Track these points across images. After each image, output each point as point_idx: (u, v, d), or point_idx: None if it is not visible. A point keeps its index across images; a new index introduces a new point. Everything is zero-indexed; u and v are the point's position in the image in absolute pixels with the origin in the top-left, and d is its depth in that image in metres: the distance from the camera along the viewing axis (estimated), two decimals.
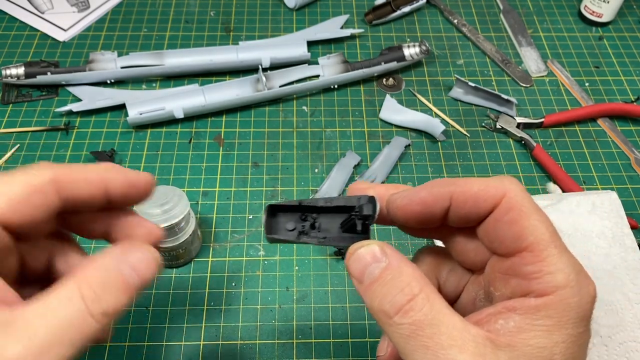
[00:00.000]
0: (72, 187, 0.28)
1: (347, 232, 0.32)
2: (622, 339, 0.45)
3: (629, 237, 0.50)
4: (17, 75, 0.63)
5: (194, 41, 0.71)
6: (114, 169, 0.30)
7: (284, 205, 0.32)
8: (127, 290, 0.27)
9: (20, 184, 0.26)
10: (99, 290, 0.26)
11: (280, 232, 0.32)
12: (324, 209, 0.32)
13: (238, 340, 0.47)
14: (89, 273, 0.26)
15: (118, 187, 0.30)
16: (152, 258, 0.29)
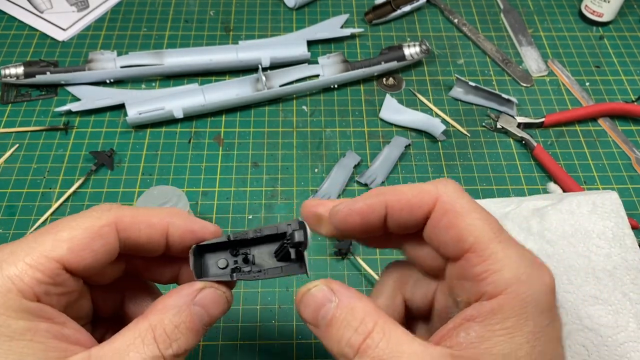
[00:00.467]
0: (133, 230, 0.29)
1: (281, 260, 0.32)
2: (623, 339, 0.44)
3: (629, 237, 0.49)
4: (16, 74, 0.63)
5: (194, 41, 0.71)
6: (177, 215, 0.30)
7: (211, 245, 0.31)
8: (197, 331, 0.28)
9: (82, 229, 0.27)
10: (171, 332, 0.26)
11: (212, 272, 0.31)
12: (255, 240, 0.31)
13: (238, 340, 0.47)
14: (161, 314, 0.27)
15: (179, 234, 0.30)
16: (221, 296, 0.29)
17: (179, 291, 0.28)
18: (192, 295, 0.28)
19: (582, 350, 0.44)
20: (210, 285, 0.29)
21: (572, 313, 0.46)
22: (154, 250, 0.30)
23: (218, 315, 0.29)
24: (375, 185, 0.56)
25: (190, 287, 0.28)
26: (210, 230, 0.30)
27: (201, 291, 0.28)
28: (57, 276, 0.26)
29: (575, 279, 0.48)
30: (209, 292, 0.29)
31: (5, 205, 0.55)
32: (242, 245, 0.32)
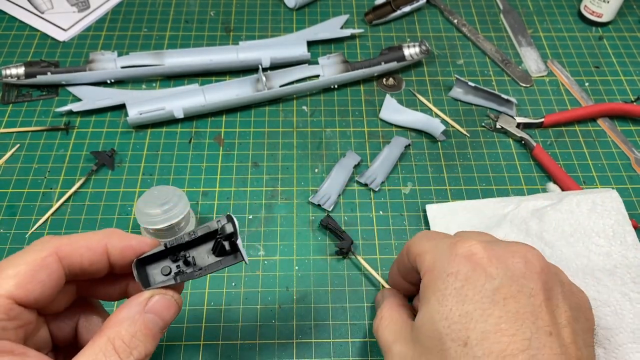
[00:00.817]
0: (74, 256, 0.31)
1: (219, 255, 0.34)
2: (621, 341, 0.44)
3: (630, 234, 0.49)
4: (17, 75, 0.63)
5: (194, 41, 0.71)
6: (114, 234, 0.32)
7: (151, 255, 0.33)
8: (154, 336, 0.30)
9: (24, 263, 0.29)
10: (129, 341, 0.29)
11: (157, 280, 0.33)
12: (190, 243, 0.33)
13: (238, 340, 0.47)
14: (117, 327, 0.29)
15: (119, 252, 0.32)
16: (170, 300, 0.32)
17: (129, 303, 0.31)
18: (142, 305, 0.30)
19: None
20: (157, 292, 0.31)
21: None
22: (99, 272, 0.32)
23: (171, 319, 0.32)
24: (376, 185, 0.56)
25: (139, 297, 0.31)
26: (147, 242, 0.33)
27: (150, 299, 0.31)
28: (10, 311, 0.27)
29: (574, 279, 0.47)
30: (158, 299, 0.31)
31: (6, 205, 0.55)
32: (179, 250, 0.34)
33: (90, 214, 0.55)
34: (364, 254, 0.52)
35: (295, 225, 0.54)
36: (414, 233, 0.54)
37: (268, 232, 0.54)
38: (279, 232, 0.54)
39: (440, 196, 0.57)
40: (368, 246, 0.53)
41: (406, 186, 0.57)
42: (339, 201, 0.56)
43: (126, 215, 0.55)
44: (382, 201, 0.56)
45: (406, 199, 0.56)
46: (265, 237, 0.53)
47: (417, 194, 0.57)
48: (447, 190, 0.57)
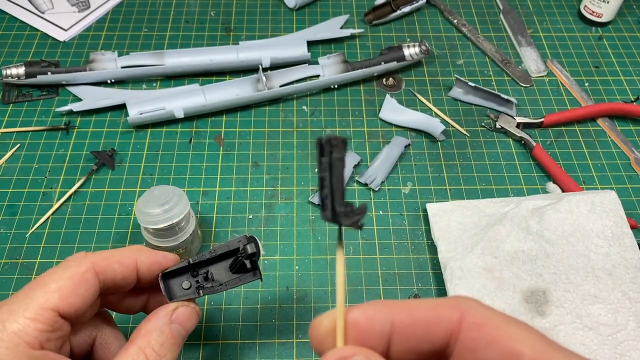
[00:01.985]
0: (109, 271, 0.33)
1: (237, 272, 0.37)
2: (622, 338, 0.45)
3: (628, 236, 0.50)
4: (17, 75, 0.63)
5: (194, 41, 0.71)
6: (142, 251, 0.35)
7: (174, 270, 0.36)
8: (178, 344, 0.33)
9: (66, 278, 0.31)
10: (159, 350, 0.32)
11: (180, 293, 0.36)
12: (211, 260, 0.37)
13: (238, 339, 0.47)
14: (147, 337, 0.32)
15: (146, 266, 0.35)
16: (192, 311, 0.35)
17: (156, 314, 0.34)
18: (169, 316, 0.34)
19: (582, 349, 0.44)
20: (181, 304, 0.35)
21: (571, 312, 0.46)
22: (128, 285, 0.35)
23: (192, 328, 0.35)
24: (375, 185, 0.57)
25: (165, 309, 0.34)
26: (171, 258, 0.36)
27: (175, 311, 0.34)
28: (54, 323, 0.30)
29: (575, 278, 0.48)
30: (182, 310, 0.34)
31: (6, 204, 0.55)
32: (200, 267, 0.37)
33: (91, 214, 0.55)
34: (364, 254, 0.52)
35: (295, 225, 0.54)
36: (413, 232, 0.54)
37: (268, 231, 0.54)
38: (279, 231, 0.54)
39: (440, 196, 0.57)
40: (368, 246, 0.53)
41: (406, 186, 0.58)
42: None
43: (126, 215, 0.55)
44: (382, 201, 0.56)
45: (406, 198, 0.57)
46: (266, 237, 0.53)
47: (417, 193, 0.57)
48: (447, 190, 0.57)
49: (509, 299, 0.47)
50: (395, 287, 0.51)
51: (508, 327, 0.22)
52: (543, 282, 0.48)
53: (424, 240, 0.54)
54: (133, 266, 0.34)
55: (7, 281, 0.50)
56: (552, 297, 0.47)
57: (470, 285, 0.48)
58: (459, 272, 0.49)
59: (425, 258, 0.52)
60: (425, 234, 0.54)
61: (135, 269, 0.34)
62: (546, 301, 0.46)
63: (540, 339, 0.22)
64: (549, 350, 0.21)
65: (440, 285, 0.51)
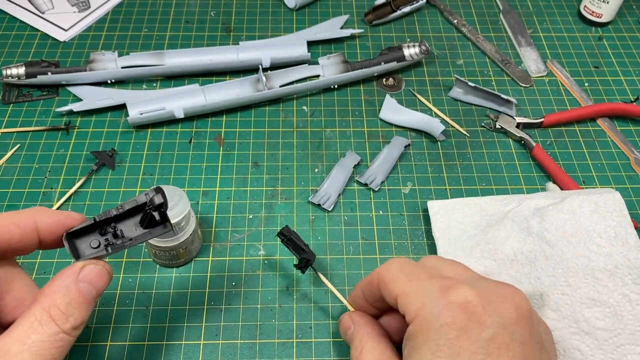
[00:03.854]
0: (3, 232, 0.31)
1: (148, 227, 0.36)
2: (620, 342, 0.44)
3: (632, 235, 0.49)
4: (17, 75, 0.63)
5: (195, 41, 0.71)
6: (42, 211, 0.33)
7: (80, 229, 0.34)
8: (88, 303, 0.31)
9: None
10: (65, 309, 0.30)
11: (88, 252, 0.34)
12: (118, 216, 0.35)
13: (238, 339, 0.47)
14: (52, 297, 0.30)
15: (48, 228, 0.33)
16: (102, 270, 0.33)
17: (62, 274, 0.32)
18: (75, 274, 0.32)
19: (577, 354, 0.44)
20: (89, 262, 0.33)
21: (568, 316, 0.45)
22: (27, 247, 0.33)
23: (103, 287, 0.33)
24: (375, 185, 0.57)
25: (71, 268, 0.32)
26: (75, 217, 0.34)
27: (82, 269, 0.32)
28: None
29: (574, 280, 0.47)
30: (90, 269, 0.32)
31: (6, 205, 0.55)
32: (108, 224, 0.35)
33: (91, 214, 0.55)
34: (363, 254, 0.53)
35: (295, 225, 0.54)
36: (413, 232, 0.54)
37: (268, 231, 0.54)
38: None
39: (439, 196, 0.57)
40: (368, 246, 0.53)
41: (406, 186, 0.58)
42: (339, 201, 0.56)
43: None
44: (382, 201, 0.56)
45: (406, 198, 0.57)
46: (266, 237, 0.53)
47: (417, 193, 0.57)
48: (447, 190, 0.57)
49: None
50: None
51: (393, 278, 0.35)
52: (541, 285, 0.47)
53: (424, 240, 0.54)
54: (32, 227, 0.32)
55: None
56: (549, 300, 0.46)
57: None
58: None
59: None
60: (425, 233, 0.54)
61: (35, 230, 0.32)
62: (543, 305, 0.46)
63: (404, 276, 0.35)
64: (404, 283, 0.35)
65: None
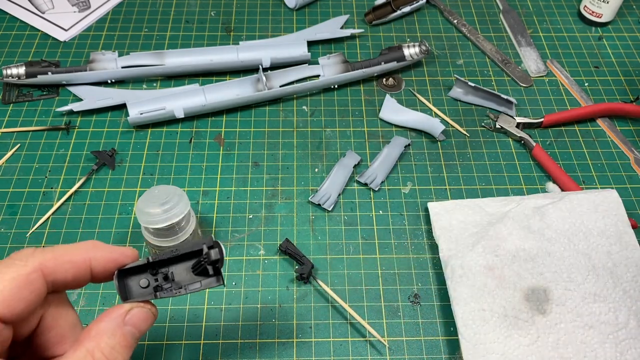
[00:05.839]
0: (58, 272, 0.30)
1: (199, 275, 0.34)
2: (622, 337, 0.45)
3: (629, 234, 0.50)
4: (17, 75, 0.63)
5: (195, 41, 0.71)
6: (97, 248, 0.32)
7: (133, 268, 0.33)
8: (130, 347, 0.31)
9: (7, 281, 0.28)
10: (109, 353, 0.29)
11: (136, 293, 0.34)
12: (172, 259, 0.34)
13: (238, 339, 0.47)
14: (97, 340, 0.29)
15: (102, 266, 0.32)
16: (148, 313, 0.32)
17: (108, 315, 0.31)
18: (122, 317, 0.31)
19: (583, 347, 0.44)
20: (136, 305, 0.32)
21: (572, 310, 0.46)
22: (79, 285, 0.32)
23: (146, 330, 0.32)
24: (375, 185, 0.57)
25: (119, 309, 0.31)
26: (128, 254, 0.33)
27: (129, 312, 0.31)
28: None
29: (576, 276, 0.48)
30: (137, 312, 0.32)
31: (6, 204, 0.55)
32: (161, 266, 0.34)
33: (91, 214, 0.55)
34: (364, 254, 0.53)
35: (295, 224, 0.54)
36: (413, 232, 0.54)
37: (268, 231, 0.54)
38: (279, 231, 0.54)
39: (439, 196, 0.57)
40: (368, 246, 0.53)
41: (406, 186, 0.58)
42: (339, 200, 0.56)
43: (126, 214, 0.55)
44: (382, 201, 0.56)
45: (406, 198, 0.57)
46: (266, 237, 0.54)
47: (417, 193, 0.57)
48: (447, 189, 0.57)
49: (509, 297, 0.47)
50: (395, 286, 0.51)
51: None
52: (544, 281, 0.48)
53: (424, 240, 0.54)
54: (86, 265, 0.31)
55: None
56: (553, 295, 0.47)
57: (471, 284, 0.48)
58: (459, 271, 0.49)
59: (425, 258, 0.52)
60: (426, 233, 0.54)
61: (88, 268, 0.32)
62: (547, 299, 0.47)
63: None
64: None
65: (441, 284, 0.51)
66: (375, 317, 0.49)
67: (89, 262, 0.31)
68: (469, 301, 0.47)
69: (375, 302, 0.50)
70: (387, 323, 0.49)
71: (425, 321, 0.49)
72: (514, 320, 0.46)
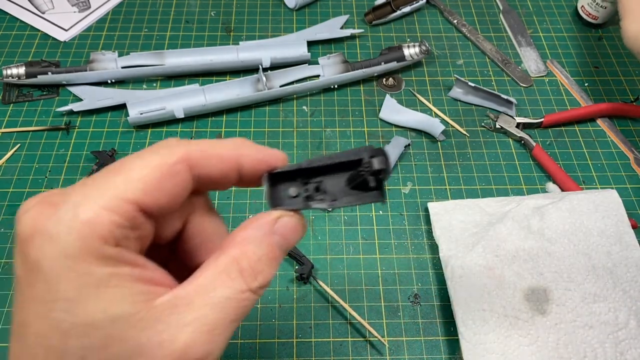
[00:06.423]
0: (205, 166, 0.27)
1: (355, 188, 0.30)
2: (622, 337, 0.45)
3: (629, 234, 0.50)
4: (18, 75, 0.63)
5: (195, 41, 0.71)
6: (246, 145, 0.28)
7: (283, 173, 0.29)
8: (278, 260, 0.27)
9: (152, 167, 0.25)
10: (255, 264, 0.26)
11: (286, 201, 0.29)
12: (326, 168, 0.29)
13: (238, 339, 0.47)
14: (243, 247, 0.26)
15: (250, 165, 0.28)
16: (298, 223, 0.28)
17: (256, 221, 0.27)
18: (271, 225, 0.27)
19: (583, 347, 0.44)
20: (285, 213, 0.28)
21: (572, 310, 0.46)
22: (226, 184, 0.29)
23: (295, 243, 0.29)
24: None
25: (267, 216, 0.28)
26: (279, 157, 0.29)
27: (278, 220, 0.28)
28: (133, 219, 0.24)
29: (576, 276, 0.48)
30: (286, 221, 0.28)
31: (6, 204, 0.55)
32: (313, 174, 0.30)
33: None
34: (364, 254, 0.53)
35: None
36: (413, 232, 0.54)
37: None
38: None
39: (440, 196, 0.57)
40: (368, 246, 0.53)
41: (406, 186, 0.58)
42: None
43: None
44: None
45: (406, 198, 0.57)
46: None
47: (417, 193, 0.57)
48: (447, 190, 0.57)
49: (509, 297, 0.47)
50: (396, 287, 0.51)
51: None
52: (544, 281, 0.48)
53: (424, 240, 0.54)
54: (234, 162, 0.28)
55: (7, 281, 0.50)
56: (553, 295, 0.47)
57: (471, 284, 0.48)
58: (459, 271, 0.49)
59: (426, 258, 0.52)
60: (426, 233, 0.54)
61: (237, 165, 0.28)
62: (547, 299, 0.47)
63: None
64: None
65: (441, 284, 0.51)
66: (375, 317, 0.49)
67: (237, 159, 0.28)
68: (469, 301, 0.47)
69: (375, 302, 0.50)
70: (387, 323, 0.49)
71: (425, 321, 0.49)
72: (514, 321, 0.46)
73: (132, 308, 0.23)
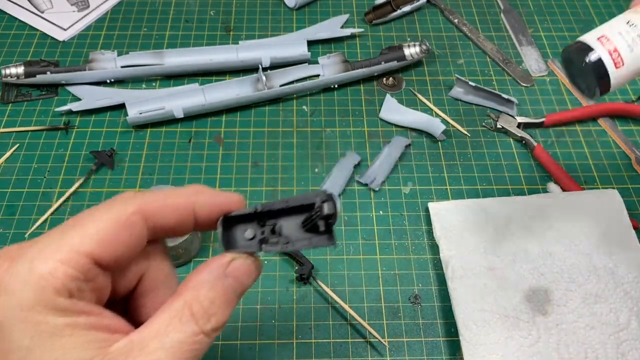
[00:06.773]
0: (160, 216, 0.28)
1: (309, 231, 0.31)
2: (624, 337, 0.45)
3: (630, 235, 0.50)
4: (16, 74, 0.63)
5: (194, 41, 0.71)
6: (201, 192, 0.29)
7: (238, 216, 0.30)
8: (232, 303, 0.28)
9: (107, 220, 0.26)
10: (208, 307, 0.26)
11: (240, 244, 0.30)
12: (282, 211, 0.31)
13: (238, 340, 0.47)
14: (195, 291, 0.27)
15: (206, 211, 0.29)
16: (251, 266, 0.29)
17: (209, 265, 0.28)
18: (223, 268, 0.28)
19: (584, 348, 0.44)
20: (239, 256, 0.29)
21: (573, 311, 0.46)
22: (184, 231, 0.29)
23: (249, 285, 0.29)
24: (376, 185, 0.56)
25: (220, 259, 0.28)
26: (234, 200, 0.30)
27: (231, 263, 0.28)
28: (88, 272, 0.25)
29: (577, 277, 0.48)
30: (239, 263, 0.29)
31: (5, 204, 0.55)
32: (269, 217, 0.31)
33: None
34: (364, 254, 0.52)
35: None
36: (414, 232, 0.54)
37: None
38: None
39: (440, 196, 0.57)
40: (368, 246, 0.53)
41: (406, 186, 0.57)
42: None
43: None
44: (382, 201, 0.56)
45: (406, 198, 0.56)
46: None
47: (417, 193, 0.57)
48: (448, 190, 0.57)
49: (510, 297, 0.47)
50: (396, 287, 0.50)
51: None
52: (545, 281, 0.47)
53: (425, 240, 0.53)
54: (189, 210, 0.28)
55: None
56: (554, 296, 0.47)
57: (472, 284, 0.48)
58: (460, 271, 0.48)
59: (426, 258, 0.52)
60: (426, 234, 0.54)
61: (192, 213, 0.28)
62: (548, 300, 0.46)
63: None
64: None
65: (442, 285, 0.50)
66: (375, 317, 0.49)
67: (192, 207, 0.29)
68: (470, 302, 0.47)
69: (375, 303, 0.49)
70: (388, 324, 0.48)
71: (426, 322, 0.49)
72: (515, 321, 0.45)
73: (86, 355, 0.24)
